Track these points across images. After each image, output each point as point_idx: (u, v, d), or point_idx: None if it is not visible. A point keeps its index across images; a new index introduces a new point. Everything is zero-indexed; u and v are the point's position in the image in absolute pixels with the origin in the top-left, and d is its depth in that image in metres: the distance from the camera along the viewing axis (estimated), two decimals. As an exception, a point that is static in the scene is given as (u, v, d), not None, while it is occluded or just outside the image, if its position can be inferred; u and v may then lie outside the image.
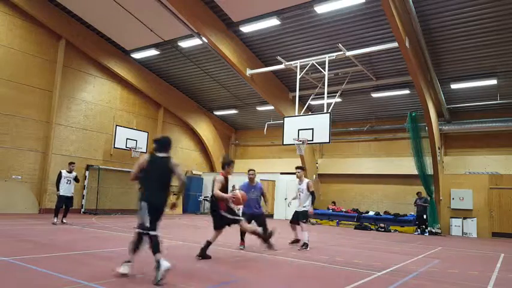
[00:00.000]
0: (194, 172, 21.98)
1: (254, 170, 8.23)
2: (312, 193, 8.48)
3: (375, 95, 16.65)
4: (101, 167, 16.86)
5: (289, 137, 12.72)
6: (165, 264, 4.48)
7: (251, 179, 8.16)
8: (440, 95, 15.09)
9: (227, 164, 6.77)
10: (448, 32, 12.22)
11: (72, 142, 16.15)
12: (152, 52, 16.60)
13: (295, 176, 8.91)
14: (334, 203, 19.00)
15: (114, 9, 13.86)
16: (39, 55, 14.99)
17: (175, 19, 13.25)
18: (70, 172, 11.48)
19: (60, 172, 11.42)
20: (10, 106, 14.11)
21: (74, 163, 11.79)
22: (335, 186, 19.84)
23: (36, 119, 14.92)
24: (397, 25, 10.60)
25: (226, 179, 6.70)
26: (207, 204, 21.52)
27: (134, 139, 18.02)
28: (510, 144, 15.94)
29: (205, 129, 22.09)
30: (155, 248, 4.68)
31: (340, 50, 12.78)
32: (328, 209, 18.46)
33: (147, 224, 4.79)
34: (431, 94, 14.84)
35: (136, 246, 4.88)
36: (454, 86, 14.90)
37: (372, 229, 15.87)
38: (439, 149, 16.00)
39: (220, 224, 6.63)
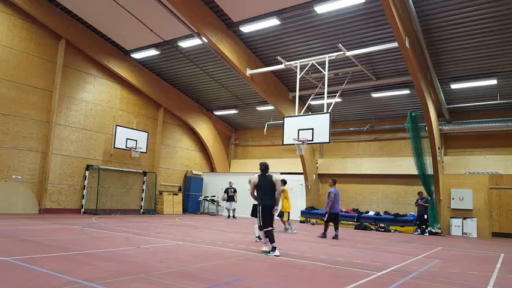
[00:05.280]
0: (194, 172, 21.98)
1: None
2: None
3: (374, 95, 16.65)
4: (101, 167, 16.87)
5: (289, 137, 12.72)
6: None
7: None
8: (440, 95, 15.08)
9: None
10: (448, 32, 12.22)
11: (72, 142, 16.15)
12: (152, 52, 16.59)
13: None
14: (334, 203, 18.97)
15: (114, 9, 13.86)
16: (39, 55, 15.00)
17: (175, 19, 13.25)
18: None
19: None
20: (10, 106, 14.12)
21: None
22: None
23: (36, 119, 14.92)
24: (397, 25, 10.60)
25: None
26: (207, 204, 21.55)
27: (134, 139, 18.04)
28: (510, 144, 15.94)
29: (205, 129, 22.10)
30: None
31: (340, 50, 12.78)
32: (328, 209, 18.42)
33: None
34: (431, 94, 14.84)
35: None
36: (454, 86, 14.91)
37: (372, 229, 15.87)
38: (439, 149, 16.00)
39: None
